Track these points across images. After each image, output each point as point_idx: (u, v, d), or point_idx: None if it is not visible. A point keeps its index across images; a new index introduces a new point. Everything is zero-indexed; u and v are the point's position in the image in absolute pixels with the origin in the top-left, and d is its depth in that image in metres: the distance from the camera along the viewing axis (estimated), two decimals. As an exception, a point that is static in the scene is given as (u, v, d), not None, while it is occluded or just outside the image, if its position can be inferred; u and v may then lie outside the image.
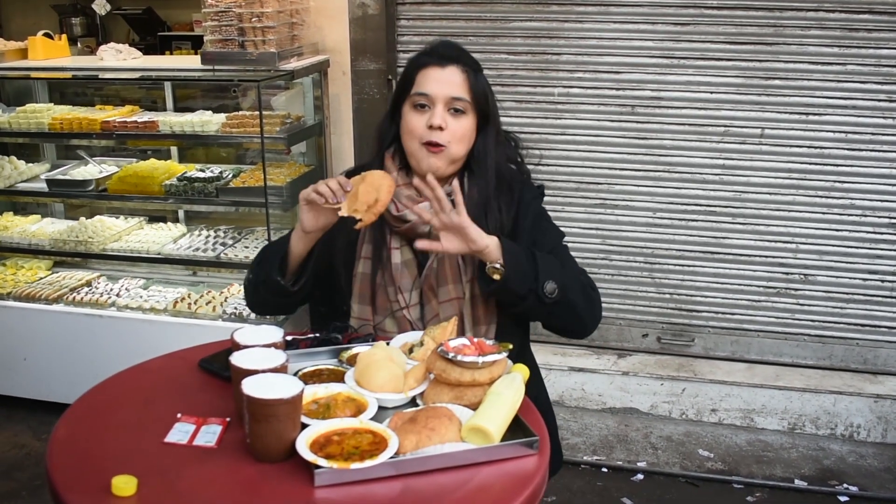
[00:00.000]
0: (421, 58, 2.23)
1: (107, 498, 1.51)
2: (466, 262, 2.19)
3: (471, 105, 2.18)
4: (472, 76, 2.19)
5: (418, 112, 2.17)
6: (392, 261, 2.21)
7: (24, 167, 4.73)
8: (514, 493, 1.58)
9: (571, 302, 2.14)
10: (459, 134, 2.17)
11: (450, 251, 2.07)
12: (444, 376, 1.78)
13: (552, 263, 2.13)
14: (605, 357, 4.44)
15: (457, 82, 2.17)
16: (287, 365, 1.77)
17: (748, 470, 3.90)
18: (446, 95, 2.15)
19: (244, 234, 4.59)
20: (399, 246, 2.22)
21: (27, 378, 4.31)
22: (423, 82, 2.18)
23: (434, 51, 2.22)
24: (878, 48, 3.96)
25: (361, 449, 1.61)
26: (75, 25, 8.26)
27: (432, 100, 2.15)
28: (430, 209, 2.06)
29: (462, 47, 2.27)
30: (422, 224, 2.16)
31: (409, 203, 2.19)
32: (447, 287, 2.19)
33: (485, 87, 2.22)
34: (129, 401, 1.90)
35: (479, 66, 2.24)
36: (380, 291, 2.22)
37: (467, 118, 2.18)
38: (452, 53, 2.21)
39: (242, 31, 4.02)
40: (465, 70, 2.18)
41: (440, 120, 2.14)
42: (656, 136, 4.27)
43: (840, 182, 4.14)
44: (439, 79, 2.17)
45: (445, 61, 2.18)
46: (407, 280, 2.21)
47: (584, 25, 4.22)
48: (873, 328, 4.27)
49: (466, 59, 2.22)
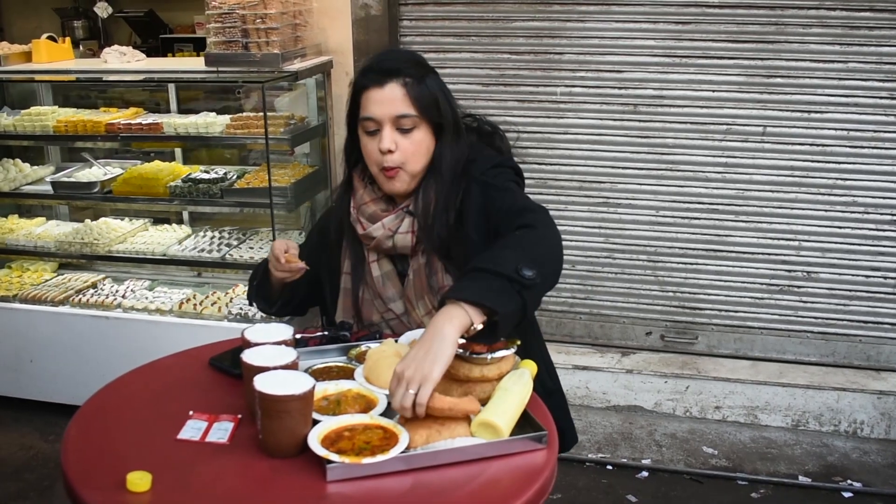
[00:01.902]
0: (360, 79, 2.13)
1: (122, 493, 1.53)
2: (432, 271, 2.16)
3: (418, 117, 2.09)
4: (414, 88, 2.09)
5: (370, 137, 2.12)
6: (372, 274, 2.21)
7: (28, 170, 4.74)
8: (524, 487, 1.59)
9: (547, 266, 1.88)
10: (412, 150, 2.11)
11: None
12: (452, 372, 1.80)
13: (502, 256, 1.83)
14: (609, 355, 4.46)
15: (398, 98, 2.07)
16: (298, 362, 1.79)
17: (752, 467, 3.91)
18: (390, 115, 2.08)
19: (249, 234, 4.61)
20: (376, 259, 2.22)
21: (34, 380, 4.32)
22: (367, 105, 2.10)
23: (371, 68, 2.12)
24: (879, 45, 3.98)
25: (372, 444, 1.63)
26: (77, 28, 8.28)
27: (378, 122, 2.09)
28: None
29: (403, 53, 2.18)
30: (385, 239, 2.16)
31: (374, 219, 2.18)
32: (423, 300, 2.17)
33: (434, 91, 2.12)
34: (140, 399, 1.92)
35: (425, 69, 2.14)
36: (365, 305, 2.24)
37: (419, 131, 2.11)
38: (390, 66, 2.10)
39: (246, 33, 4.03)
40: (405, 83, 2.08)
41: (388, 143, 2.08)
42: (659, 135, 4.28)
43: (842, 179, 4.15)
44: (380, 99, 2.08)
45: (384, 78, 2.08)
46: (391, 291, 2.21)
47: (587, 25, 4.23)
48: (876, 325, 4.29)
49: (407, 68, 2.10)
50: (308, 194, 4.44)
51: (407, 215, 2.16)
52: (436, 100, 2.12)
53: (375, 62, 2.12)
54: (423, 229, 2.13)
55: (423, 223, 2.13)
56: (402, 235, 2.15)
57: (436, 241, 2.13)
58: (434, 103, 2.12)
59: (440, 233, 2.13)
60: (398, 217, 2.16)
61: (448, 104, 2.16)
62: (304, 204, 4.48)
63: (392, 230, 2.15)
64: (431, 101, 2.11)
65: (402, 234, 2.15)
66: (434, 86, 2.13)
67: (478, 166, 2.17)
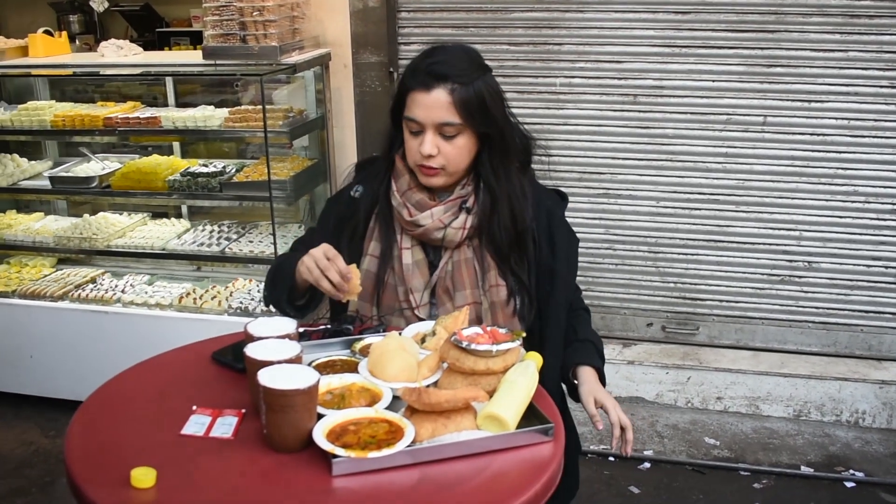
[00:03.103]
0: (408, 78, 2.11)
1: (126, 489, 1.52)
2: (484, 269, 2.19)
3: (462, 125, 2.08)
4: (461, 94, 2.05)
5: (412, 136, 2.12)
6: (403, 261, 2.19)
7: (26, 165, 4.72)
8: (531, 479, 1.59)
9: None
10: (453, 155, 2.11)
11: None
12: (457, 365, 1.79)
13: (592, 336, 2.34)
14: (611, 346, 4.45)
15: (443, 106, 2.05)
16: (301, 356, 1.78)
17: (754, 457, 3.91)
18: (434, 121, 2.07)
19: (248, 228, 4.59)
20: (410, 246, 2.21)
21: (34, 375, 4.31)
22: (412, 107, 2.09)
23: (419, 69, 2.09)
24: (879, 34, 3.96)
25: (378, 438, 1.62)
26: (73, 23, 8.22)
27: (422, 125, 2.08)
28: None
29: (456, 53, 2.12)
30: (435, 230, 2.15)
31: (421, 206, 2.17)
32: (465, 292, 2.18)
33: (482, 97, 2.08)
34: (143, 394, 1.91)
35: (478, 71, 2.10)
36: (388, 290, 2.21)
37: (462, 136, 2.10)
38: (439, 71, 2.06)
39: (244, 26, 4.01)
40: (452, 90, 2.05)
41: (430, 148, 2.08)
42: (659, 126, 4.27)
43: (843, 169, 4.14)
44: (425, 104, 2.06)
45: (431, 83, 2.05)
46: (418, 280, 2.20)
47: (585, 15, 4.22)
48: (877, 314, 4.28)
49: (457, 72, 2.06)
50: (307, 187, 4.42)
51: (463, 211, 2.16)
52: (483, 106, 2.09)
53: (425, 64, 2.09)
54: (487, 233, 2.17)
55: (486, 226, 2.17)
56: (455, 230, 2.16)
57: (499, 246, 2.18)
58: (481, 110, 2.09)
59: (505, 238, 2.17)
60: (449, 210, 2.16)
61: (499, 108, 2.13)
62: (304, 197, 4.47)
63: (444, 223, 2.15)
64: (478, 109, 2.08)
65: (455, 230, 2.16)
66: (484, 90, 2.09)
67: (553, 201, 2.31)
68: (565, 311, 2.28)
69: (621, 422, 2.11)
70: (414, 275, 2.19)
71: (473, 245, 2.20)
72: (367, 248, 2.24)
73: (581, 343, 2.29)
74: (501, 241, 2.17)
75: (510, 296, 2.19)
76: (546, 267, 2.22)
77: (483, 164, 2.17)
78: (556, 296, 2.22)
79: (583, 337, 2.31)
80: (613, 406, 2.13)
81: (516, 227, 2.18)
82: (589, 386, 2.19)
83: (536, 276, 2.22)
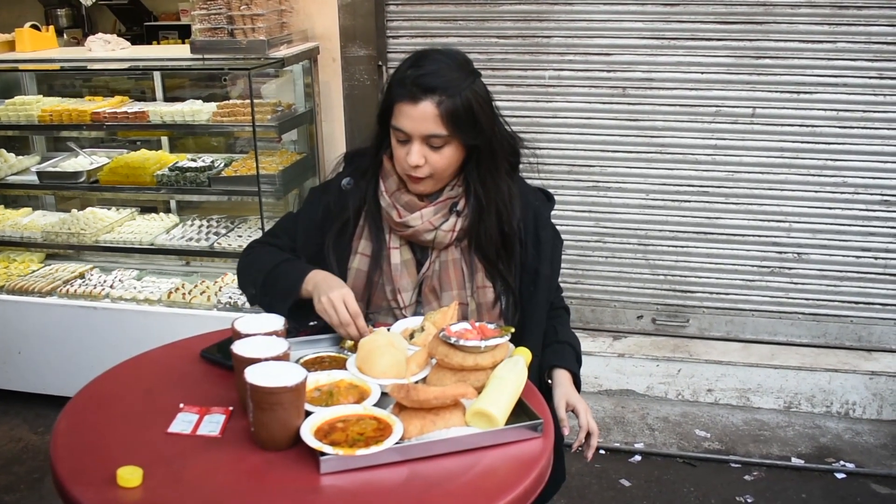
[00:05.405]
0: (396, 88, 2.07)
1: (113, 489, 1.51)
2: (472, 270, 2.18)
3: (449, 137, 2.05)
4: (448, 106, 2.01)
5: (400, 144, 2.10)
6: (391, 261, 2.18)
7: (13, 160, 4.69)
8: (520, 475, 1.58)
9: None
10: (441, 164, 2.08)
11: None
12: (446, 361, 1.78)
13: (571, 338, 2.39)
14: (601, 339, 4.45)
15: (430, 118, 2.02)
16: (289, 353, 1.77)
17: (745, 449, 3.92)
18: (421, 133, 2.03)
19: (237, 223, 4.57)
20: (398, 246, 2.19)
21: (22, 371, 4.29)
22: (399, 117, 2.05)
23: (408, 79, 2.04)
24: (868, 25, 3.96)
25: (366, 435, 1.61)
26: (61, 17, 8.20)
27: (409, 136, 2.05)
28: None
29: (445, 60, 2.08)
30: (426, 231, 2.14)
31: (410, 207, 2.16)
32: (451, 292, 2.17)
33: (470, 107, 2.04)
34: (130, 392, 1.90)
35: (467, 79, 2.06)
36: (377, 289, 2.20)
37: (449, 147, 2.07)
38: (427, 83, 2.02)
39: (231, 20, 3.99)
40: (440, 103, 2.01)
41: (417, 159, 2.05)
42: (648, 118, 4.26)
43: (832, 160, 4.15)
44: (412, 116, 2.03)
45: (419, 95, 2.01)
46: (406, 280, 2.19)
47: (574, 7, 4.21)
48: (867, 305, 4.29)
49: (444, 86, 2.02)
50: (296, 181, 4.41)
51: (452, 213, 2.15)
52: (472, 116, 2.06)
53: (413, 75, 2.04)
54: (476, 237, 2.17)
55: (475, 230, 2.17)
56: (445, 233, 2.15)
57: (487, 251, 2.18)
58: (469, 120, 2.06)
59: (493, 242, 2.18)
60: (439, 211, 2.15)
61: (487, 115, 2.10)
62: (293, 191, 4.44)
63: (434, 225, 2.14)
64: (466, 120, 2.05)
65: (445, 232, 2.15)
66: (472, 100, 2.05)
67: (540, 202, 2.29)
68: (546, 310, 2.28)
69: (589, 427, 2.16)
70: (402, 275, 2.18)
71: (462, 246, 2.19)
72: (356, 247, 2.22)
73: (560, 345, 2.31)
74: (490, 245, 2.17)
75: (497, 298, 2.19)
76: (530, 267, 2.22)
77: (471, 172, 2.16)
78: (538, 296, 2.22)
79: (562, 339, 2.33)
80: (584, 410, 2.16)
81: (504, 233, 2.18)
82: (563, 389, 2.21)
83: (521, 277, 2.22)
